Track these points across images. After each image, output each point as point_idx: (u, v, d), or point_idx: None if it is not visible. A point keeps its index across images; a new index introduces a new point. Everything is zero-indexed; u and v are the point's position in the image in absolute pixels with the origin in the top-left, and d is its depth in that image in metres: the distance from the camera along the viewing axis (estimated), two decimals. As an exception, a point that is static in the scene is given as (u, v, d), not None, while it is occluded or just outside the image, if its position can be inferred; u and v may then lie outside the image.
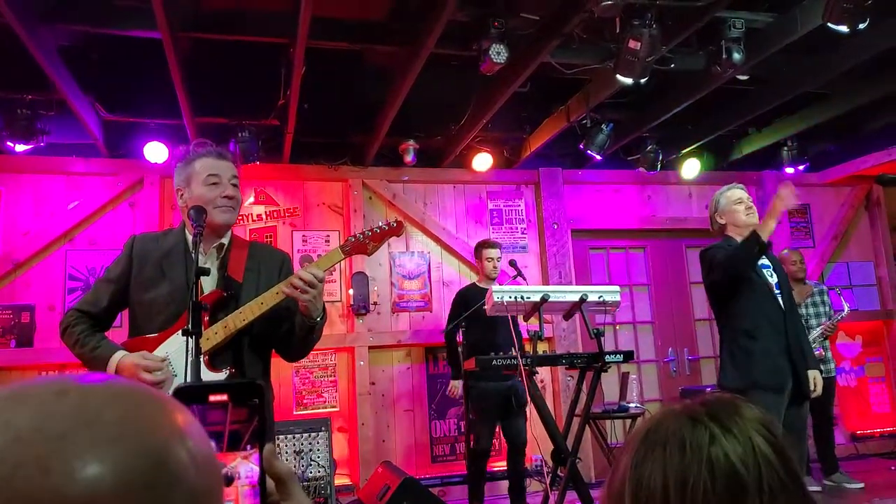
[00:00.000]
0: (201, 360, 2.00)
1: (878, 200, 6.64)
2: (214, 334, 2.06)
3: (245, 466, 0.68)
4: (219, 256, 2.22)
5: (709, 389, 5.56)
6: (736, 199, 3.43)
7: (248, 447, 0.68)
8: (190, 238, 2.16)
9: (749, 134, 6.03)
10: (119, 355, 2.06)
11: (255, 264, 2.23)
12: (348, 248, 2.26)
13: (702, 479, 0.69)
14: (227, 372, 2.07)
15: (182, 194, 2.20)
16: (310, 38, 3.69)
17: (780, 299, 3.25)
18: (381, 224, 2.30)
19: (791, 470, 0.72)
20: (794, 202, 3.15)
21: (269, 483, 0.69)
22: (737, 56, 3.92)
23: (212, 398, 0.68)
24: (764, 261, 3.30)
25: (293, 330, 2.16)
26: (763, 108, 5.08)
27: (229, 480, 0.67)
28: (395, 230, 2.30)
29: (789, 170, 6.03)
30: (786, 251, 5.37)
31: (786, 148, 5.89)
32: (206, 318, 2.08)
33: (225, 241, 2.24)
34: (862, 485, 4.90)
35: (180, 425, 0.48)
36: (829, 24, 3.44)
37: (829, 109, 5.22)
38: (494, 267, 4.72)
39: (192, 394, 0.68)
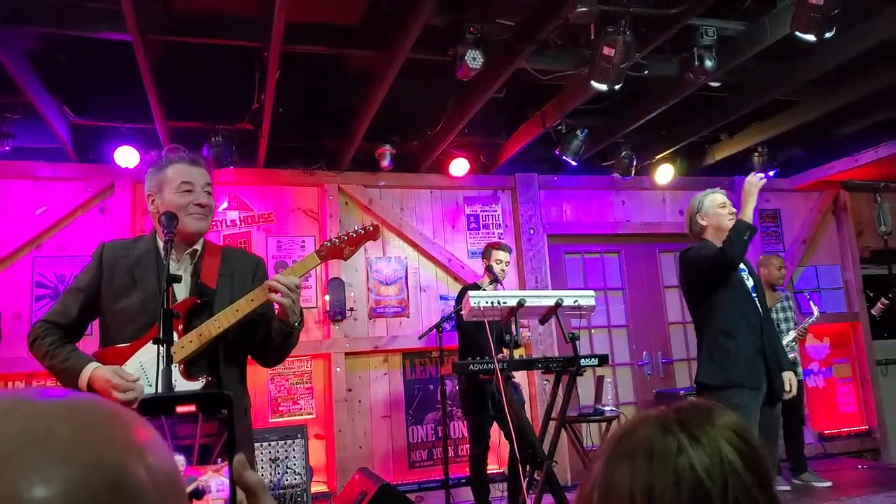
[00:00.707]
0: (176, 368, 1.97)
1: (844, 205, 6.77)
2: (189, 342, 2.03)
3: (216, 480, 0.66)
4: (192, 263, 2.18)
5: (682, 392, 5.62)
6: (720, 203, 3.46)
7: (219, 460, 0.66)
8: (161, 245, 2.12)
9: (721, 140, 6.11)
10: (91, 367, 2.01)
11: (228, 270, 2.20)
12: (324, 252, 2.24)
13: (667, 489, 0.69)
14: (204, 380, 2.04)
15: (153, 200, 2.16)
16: (284, 42, 3.67)
17: (757, 301, 3.31)
18: (356, 228, 2.29)
19: (760, 477, 0.72)
20: (760, 184, 3.32)
21: (240, 494, 0.67)
22: (709, 63, 3.98)
23: (179, 409, 0.66)
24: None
25: (270, 336, 2.14)
26: (735, 114, 5.16)
27: (199, 494, 0.65)
28: (372, 234, 2.29)
29: (760, 175, 6.11)
30: (763, 257, 5.45)
31: (757, 154, 5.98)
32: (181, 327, 2.05)
33: (198, 247, 2.21)
34: (830, 483, 4.99)
35: (139, 440, 0.46)
36: (797, 33, 3.50)
37: (798, 116, 5.32)
38: (503, 270, 4.69)
39: (159, 405, 0.66)
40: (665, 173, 6.19)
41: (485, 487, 4.57)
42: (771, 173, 6.11)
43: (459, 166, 5.70)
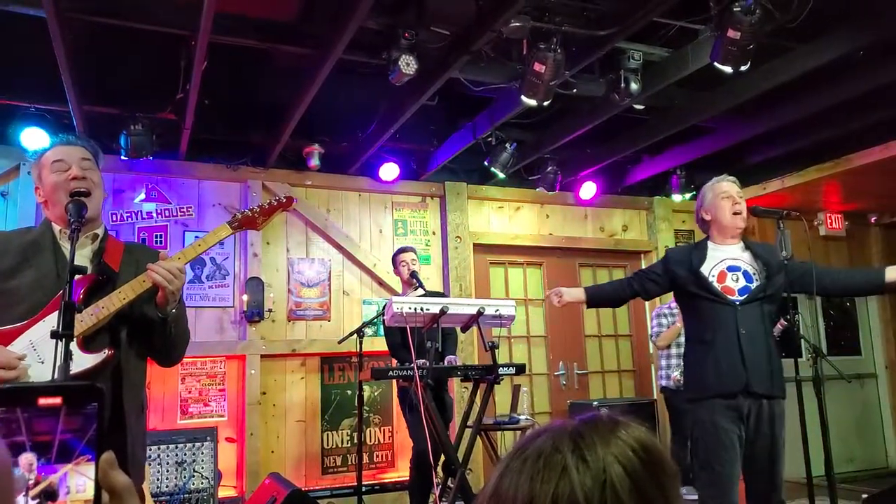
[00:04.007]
0: (74, 342, 1.89)
1: (752, 230, 7.12)
2: (89, 317, 1.96)
3: (76, 479, 0.60)
4: (93, 247, 2.12)
5: (595, 403, 5.77)
6: (723, 193, 3.10)
7: (82, 457, 0.60)
8: (55, 226, 2.08)
9: (642, 161, 6.34)
10: None
11: (132, 259, 2.14)
12: (236, 223, 2.20)
13: None
14: (105, 353, 1.96)
15: (39, 190, 2.14)
16: (213, 32, 3.57)
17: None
18: (270, 199, 2.27)
19: (648, 502, 0.71)
20: None
21: (106, 497, 0.62)
22: (634, 86, 4.12)
23: (42, 402, 0.59)
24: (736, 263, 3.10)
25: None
26: (656, 136, 5.36)
27: (52, 495, 0.60)
28: (285, 204, 2.26)
29: (677, 197, 6.38)
30: None
31: (675, 176, 6.24)
32: (81, 301, 1.97)
33: (99, 231, 2.15)
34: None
35: None
36: (716, 64, 3.68)
37: (716, 142, 5.57)
38: (409, 269, 4.65)
39: (19, 396, 0.59)
40: (588, 190, 6.36)
41: (422, 485, 4.48)
42: (688, 196, 6.38)
43: (389, 171, 5.68)
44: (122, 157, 4.69)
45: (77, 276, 1.98)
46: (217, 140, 5.28)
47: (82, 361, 1.92)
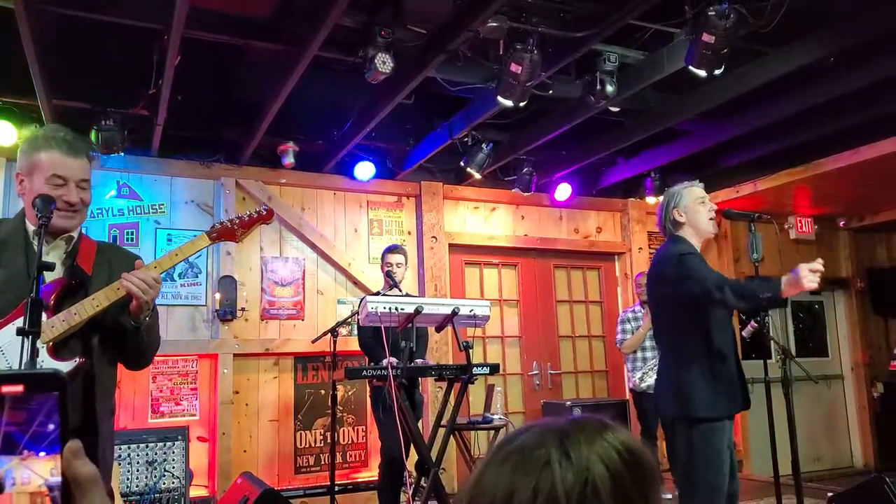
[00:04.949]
0: (44, 348, 1.85)
1: (725, 233, 7.22)
2: (60, 323, 1.91)
3: (21, 471, 0.59)
4: (66, 249, 2.06)
5: (567, 403, 5.81)
6: (699, 198, 3.11)
7: (26, 450, 0.59)
8: (30, 226, 1.99)
9: (617, 163, 6.39)
10: None
11: (104, 261, 2.09)
12: (215, 234, 2.17)
13: (524, 500, 0.69)
14: (76, 361, 1.92)
15: (22, 181, 2.01)
16: (187, 27, 3.52)
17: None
18: (250, 211, 2.25)
19: (628, 502, 0.71)
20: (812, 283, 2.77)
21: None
22: (609, 88, 4.15)
23: (4, 389, 0.58)
24: None
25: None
26: (631, 139, 5.41)
27: None
28: (265, 217, 2.26)
29: (651, 199, 6.44)
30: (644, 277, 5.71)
31: (650, 179, 6.29)
32: (52, 307, 1.92)
33: (74, 233, 2.08)
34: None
35: None
36: (690, 67, 3.72)
37: (690, 145, 5.64)
38: (393, 273, 4.61)
39: None
40: (563, 192, 6.39)
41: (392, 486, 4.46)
42: (660, 198, 6.44)
43: (365, 170, 5.65)
44: (93, 153, 4.61)
45: (49, 281, 1.95)
46: (190, 136, 5.21)
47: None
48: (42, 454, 0.59)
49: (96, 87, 4.54)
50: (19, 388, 0.59)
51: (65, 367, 1.89)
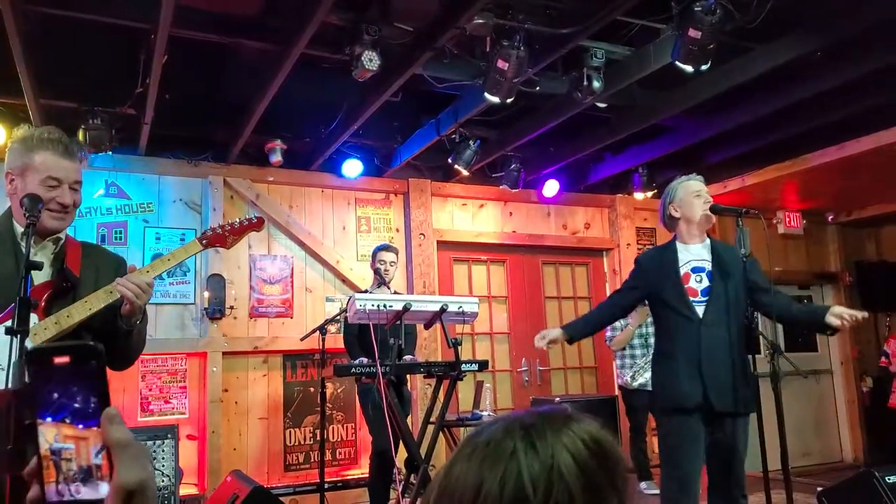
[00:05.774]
0: None
1: (713, 228, 7.21)
2: (52, 325, 1.90)
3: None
4: (54, 250, 2.05)
5: (557, 399, 5.83)
6: (695, 191, 3.16)
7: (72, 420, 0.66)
8: (18, 227, 1.98)
9: (605, 159, 6.40)
10: None
11: (91, 263, 2.09)
12: (206, 240, 2.19)
13: (493, 490, 0.70)
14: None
15: (13, 180, 2.01)
16: (174, 26, 3.51)
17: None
18: (241, 219, 2.30)
19: (595, 490, 0.71)
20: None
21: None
22: (596, 84, 4.16)
23: (57, 361, 0.67)
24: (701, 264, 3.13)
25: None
26: (618, 135, 5.42)
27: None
28: (256, 225, 2.29)
29: (639, 195, 6.47)
30: None
31: (637, 174, 6.32)
32: (42, 309, 1.92)
33: (61, 234, 2.08)
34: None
35: None
36: (677, 63, 3.73)
37: (677, 140, 5.66)
38: (386, 270, 4.64)
39: (45, 356, 0.67)
40: (551, 188, 6.41)
41: (383, 482, 4.47)
42: (650, 194, 6.47)
43: (352, 167, 5.65)
44: (82, 154, 4.59)
45: (38, 282, 1.94)
46: (178, 135, 5.20)
47: None
48: (80, 426, 0.66)
49: (84, 87, 4.52)
50: (66, 360, 0.67)
51: None
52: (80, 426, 0.66)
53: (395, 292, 4.75)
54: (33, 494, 0.67)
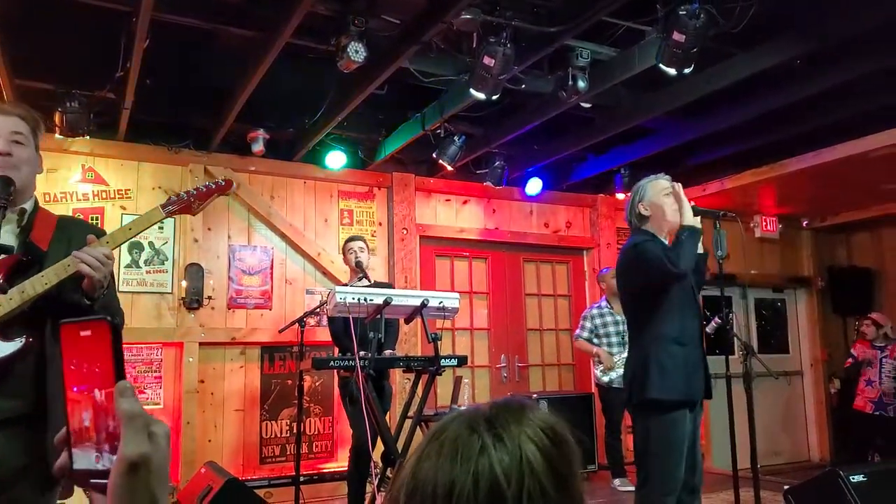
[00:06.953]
0: None
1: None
2: (9, 300, 1.84)
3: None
4: (21, 222, 1.99)
5: (534, 396, 5.87)
6: (664, 190, 3.12)
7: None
8: None
9: (588, 159, 6.44)
10: None
11: (64, 236, 2.01)
12: (170, 207, 2.08)
13: (467, 488, 0.71)
14: (23, 341, 1.84)
15: None
16: (156, 9, 3.46)
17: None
18: (207, 182, 2.18)
19: (561, 476, 0.74)
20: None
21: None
22: (581, 84, 4.17)
23: (82, 333, 0.72)
24: None
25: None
26: (602, 135, 5.45)
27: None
28: (223, 188, 2.18)
29: (621, 196, 6.51)
30: (611, 272, 5.78)
31: (620, 175, 6.36)
32: (2, 283, 1.85)
33: (27, 206, 2.01)
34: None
35: None
36: (661, 65, 3.76)
37: (659, 142, 5.71)
38: (357, 258, 4.58)
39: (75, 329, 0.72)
40: (534, 186, 6.43)
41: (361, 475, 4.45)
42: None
43: (336, 159, 5.62)
44: (57, 136, 4.52)
45: (0, 256, 1.89)
46: (158, 122, 5.13)
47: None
48: (96, 391, 0.71)
49: (61, 68, 4.43)
50: (88, 332, 0.72)
51: (10, 347, 1.81)
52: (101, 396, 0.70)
53: (377, 283, 4.73)
54: (62, 461, 0.71)
